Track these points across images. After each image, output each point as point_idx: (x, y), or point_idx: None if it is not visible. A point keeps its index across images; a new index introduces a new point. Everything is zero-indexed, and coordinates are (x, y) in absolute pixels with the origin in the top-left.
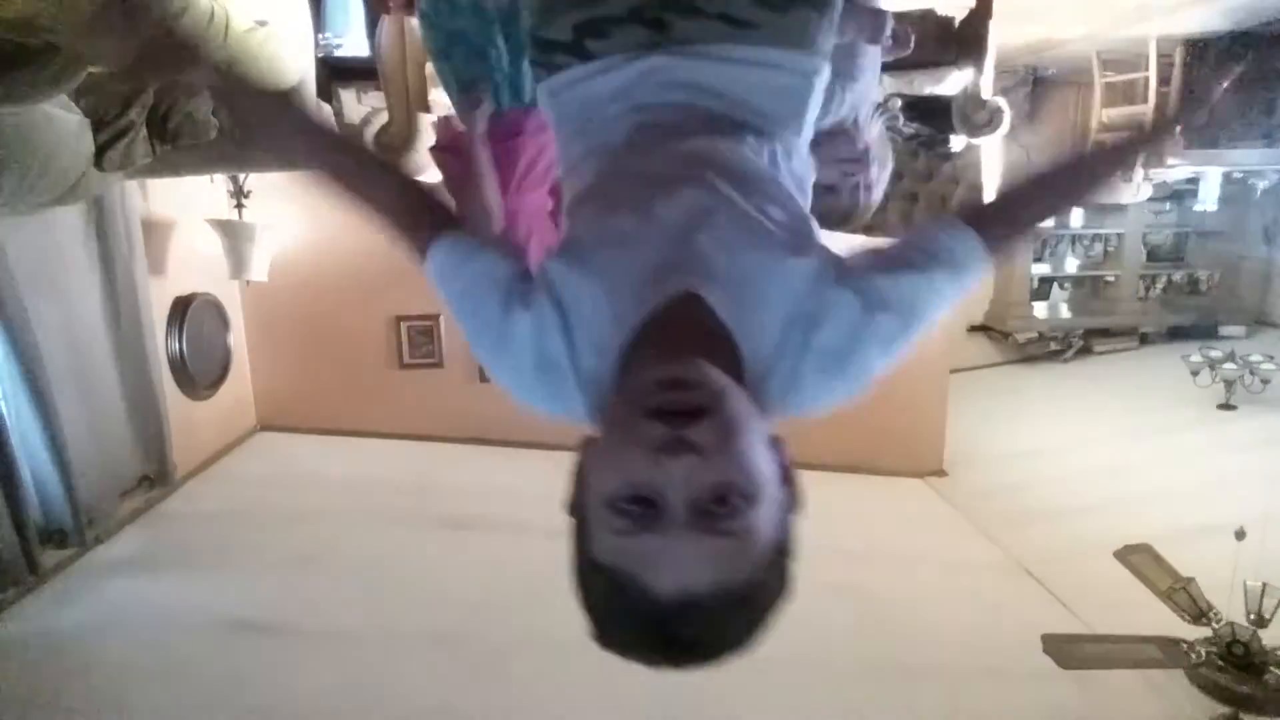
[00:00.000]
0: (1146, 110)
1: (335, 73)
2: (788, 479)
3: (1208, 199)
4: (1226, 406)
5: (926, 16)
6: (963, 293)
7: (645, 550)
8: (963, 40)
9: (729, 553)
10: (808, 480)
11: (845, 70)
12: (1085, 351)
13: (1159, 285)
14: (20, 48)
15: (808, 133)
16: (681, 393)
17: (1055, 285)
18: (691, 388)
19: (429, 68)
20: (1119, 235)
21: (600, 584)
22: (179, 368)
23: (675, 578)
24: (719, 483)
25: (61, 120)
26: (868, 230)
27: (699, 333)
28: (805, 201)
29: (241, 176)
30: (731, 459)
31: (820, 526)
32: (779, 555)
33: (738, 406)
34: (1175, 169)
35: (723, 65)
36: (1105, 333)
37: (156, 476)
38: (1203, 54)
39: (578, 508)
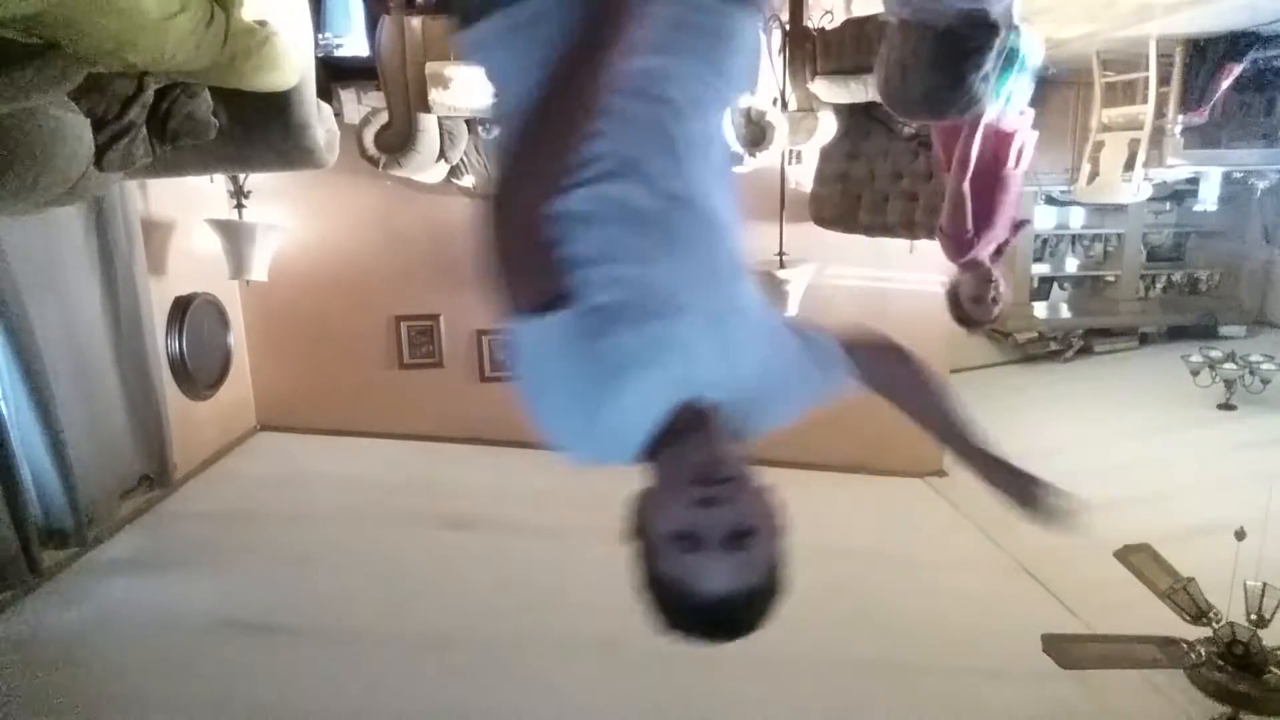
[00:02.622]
0: (1146, 110)
1: (335, 73)
2: (777, 514)
3: (1208, 199)
4: (1226, 406)
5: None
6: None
7: (695, 567)
8: None
9: (748, 565)
10: (809, 480)
11: None
12: (1085, 351)
13: (1159, 285)
14: (20, 47)
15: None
16: (716, 468)
17: (1055, 285)
18: (721, 466)
19: (429, 68)
20: (1119, 235)
21: (665, 591)
22: (179, 368)
23: (716, 584)
24: (740, 523)
25: (61, 120)
26: (867, 231)
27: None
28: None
29: (241, 176)
30: (746, 507)
31: (820, 526)
32: (778, 565)
33: (748, 472)
34: (1175, 169)
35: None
36: (1105, 333)
37: (156, 476)
38: (1203, 54)
39: (642, 536)
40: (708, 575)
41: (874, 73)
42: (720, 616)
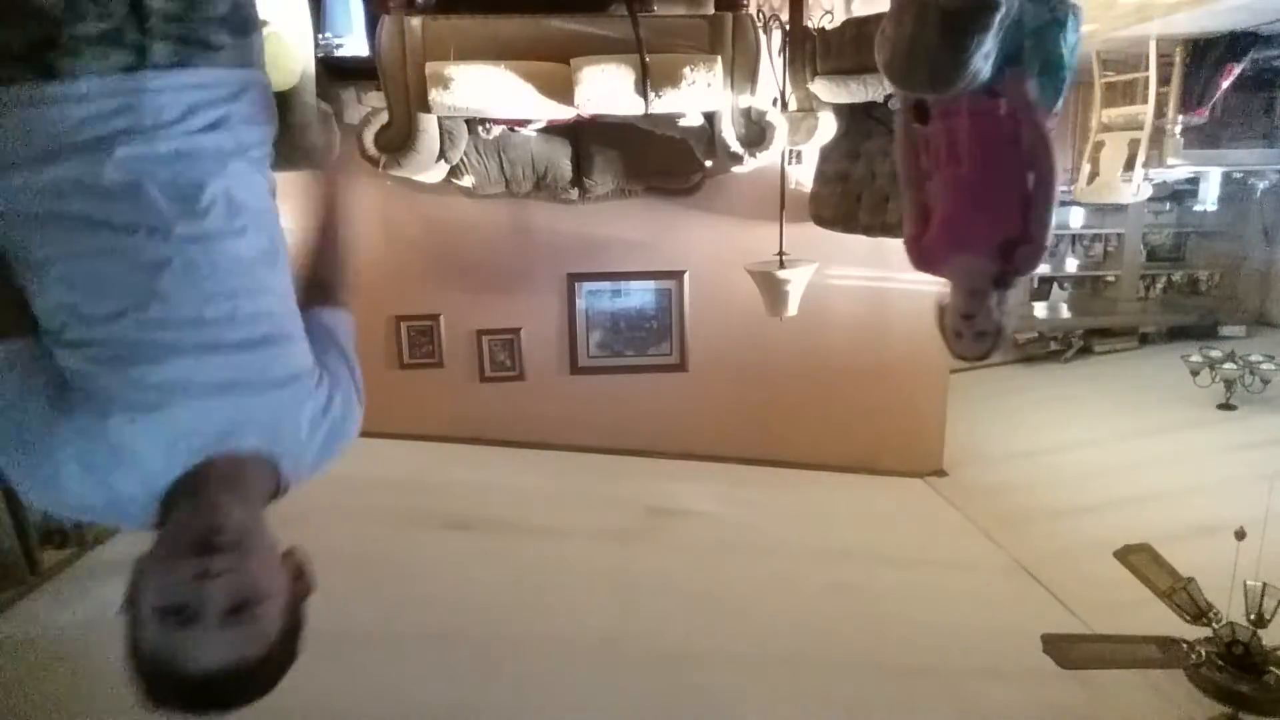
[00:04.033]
0: (1146, 110)
1: (335, 73)
2: (299, 576)
3: (1208, 199)
4: (1226, 406)
5: None
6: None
7: (184, 643)
8: None
9: (246, 640)
10: (809, 480)
11: None
12: (1085, 351)
13: (1159, 285)
14: None
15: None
16: (215, 536)
17: (1055, 285)
18: (221, 533)
19: (429, 68)
20: (1119, 235)
21: (149, 666)
22: None
23: (206, 661)
24: (239, 596)
25: None
26: (867, 231)
27: (235, 464)
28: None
29: None
30: (249, 577)
31: (820, 526)
32: (289, 632)
33: (253, 540)
34: (1175, 169)
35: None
36: (1105, 333)
37: None
38: (1203, 54)
39: (132, 606)
40: (198, 652)
41: (876, 43)
42: (208, 693)
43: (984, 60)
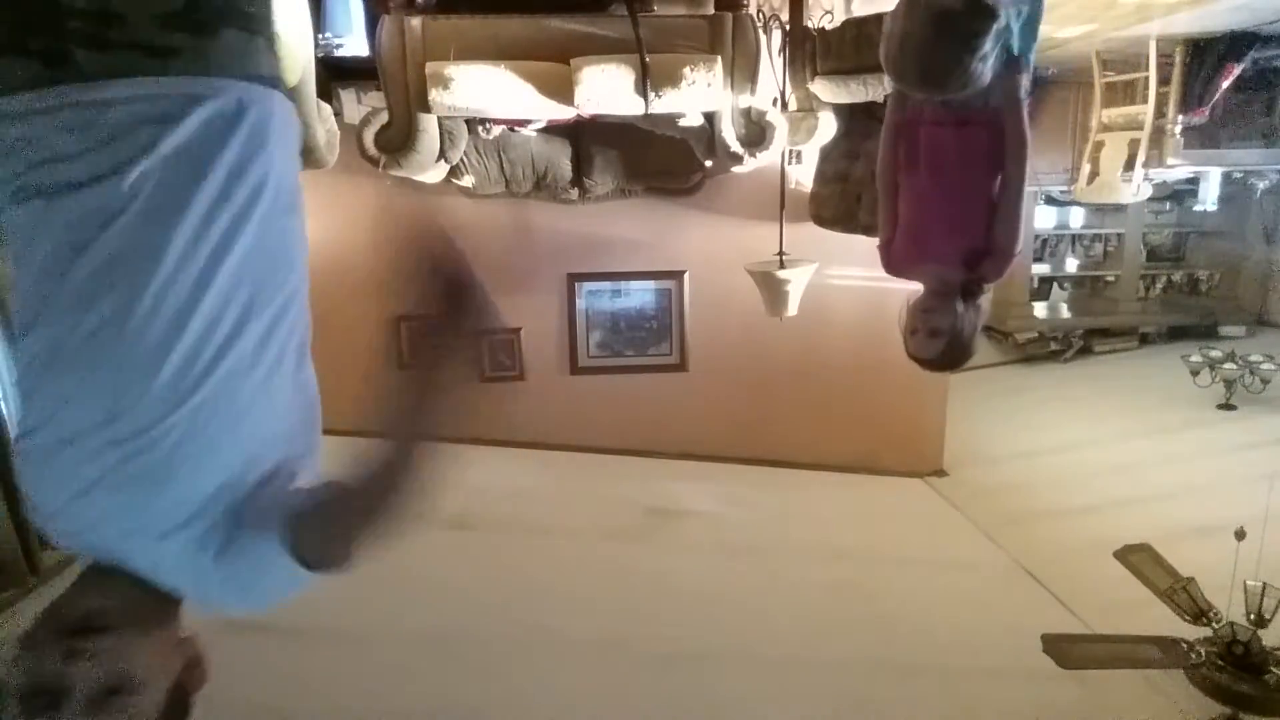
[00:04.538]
0: (1146, 110)
1: (335, 73)
2: (193, 666)
3: (1208, 199)
4: (1226, 406)
5: None
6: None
7: None
8: None
9: None
10: (809, 480)
11: None
12: (1085, 351)
13: (1159, 285)
14: None
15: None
16: (91, 618)
17: (1055, 285)
18: (98, 615)
19: (429, 68)
20: (1119, 235)
21: None
22: None
23: None
24: (108, 681)
25: None
26: (867, 231)
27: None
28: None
29: None
30: (119, 664)
31: (820, 526)
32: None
33: (139, 626)
34: (1175, 169)
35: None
36: (1105, 333)
37: None
38: (1203, 54)
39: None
40: None
41: (881, 43)
42: None
43: (982, 63)
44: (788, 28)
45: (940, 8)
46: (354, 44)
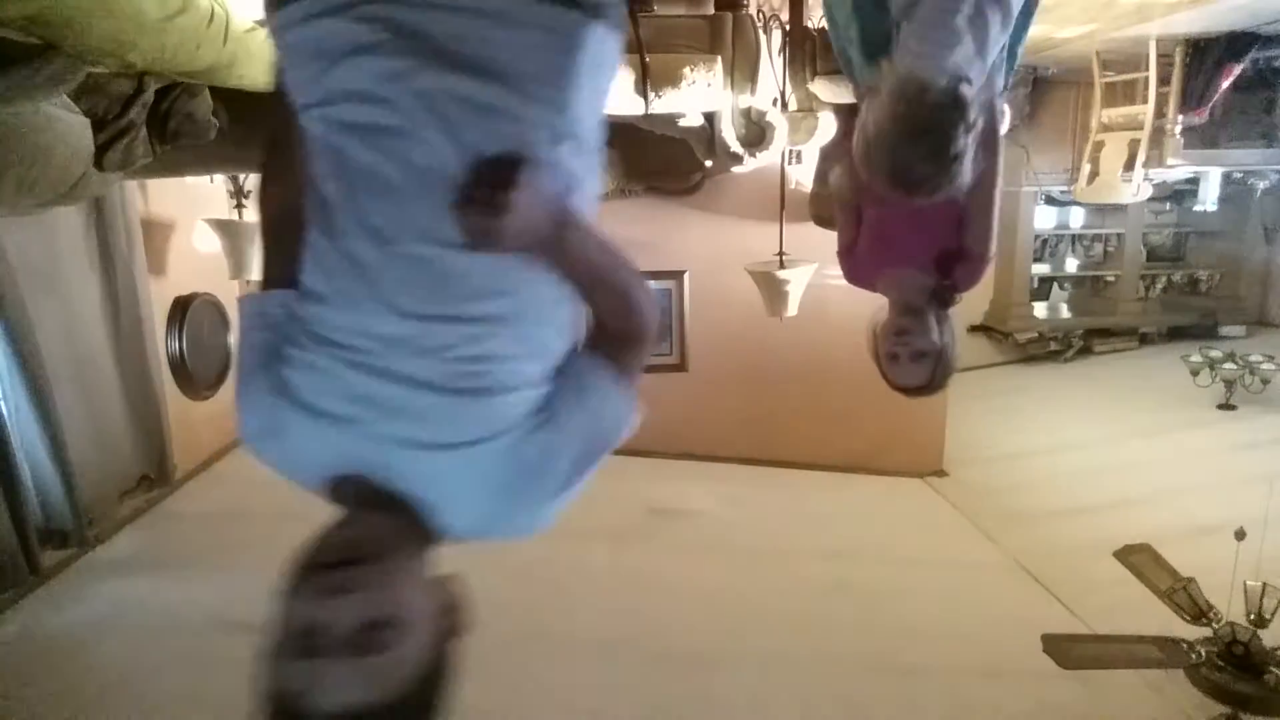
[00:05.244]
0: (1146, 110)
1: None
2: (450, 611)
3: (1208, 199)
4: (1226, 406)
5: None
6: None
7: (308, 675)
8: None
9: (378, 673)
10: (809, 480)
11: None
12: (1085, 351)
13: (1159, 285)
14: (20, 47)
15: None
16: (348, 548)
17: (1055, 285)
18: (357, 544)
19: None
20: (1119, 235)
21: (274, 705)
22: (179, 368)
23: (332, 698)
24: (370, 616)
25: (61, 120)
26: None
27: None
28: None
29: (241, 176)
30: (384, 596)
31: (820, 526)
32: (431, 676)
33: (401, 558)
34: (1175, 169)
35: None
36: (1105, 333)
37: (156, 476)
38: (1203, 54)
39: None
40: (322, 685)
41: (853, 141)
42: None
43: (956, 164)
44: (788, 28)
45: (907, 107)
46: None
